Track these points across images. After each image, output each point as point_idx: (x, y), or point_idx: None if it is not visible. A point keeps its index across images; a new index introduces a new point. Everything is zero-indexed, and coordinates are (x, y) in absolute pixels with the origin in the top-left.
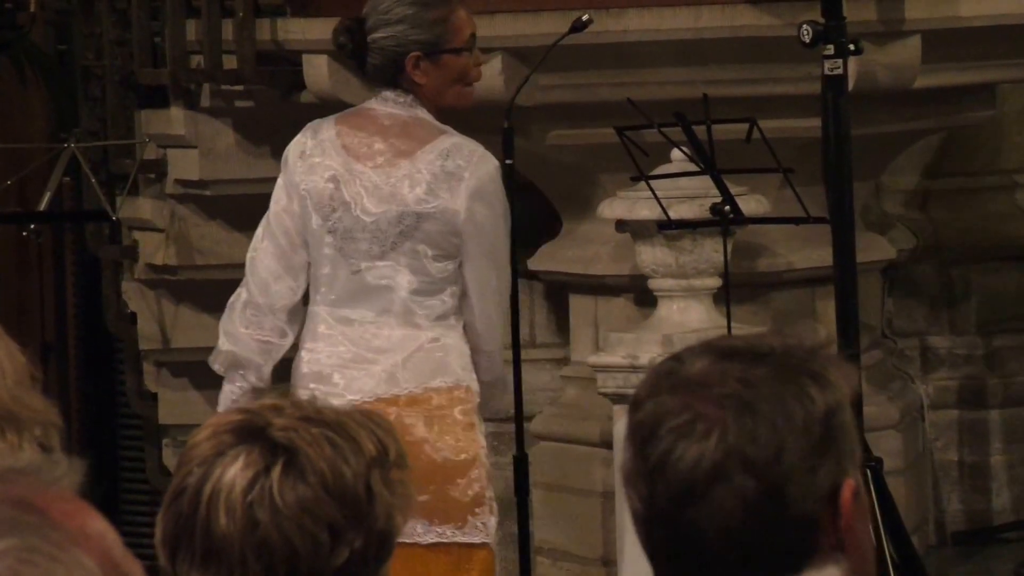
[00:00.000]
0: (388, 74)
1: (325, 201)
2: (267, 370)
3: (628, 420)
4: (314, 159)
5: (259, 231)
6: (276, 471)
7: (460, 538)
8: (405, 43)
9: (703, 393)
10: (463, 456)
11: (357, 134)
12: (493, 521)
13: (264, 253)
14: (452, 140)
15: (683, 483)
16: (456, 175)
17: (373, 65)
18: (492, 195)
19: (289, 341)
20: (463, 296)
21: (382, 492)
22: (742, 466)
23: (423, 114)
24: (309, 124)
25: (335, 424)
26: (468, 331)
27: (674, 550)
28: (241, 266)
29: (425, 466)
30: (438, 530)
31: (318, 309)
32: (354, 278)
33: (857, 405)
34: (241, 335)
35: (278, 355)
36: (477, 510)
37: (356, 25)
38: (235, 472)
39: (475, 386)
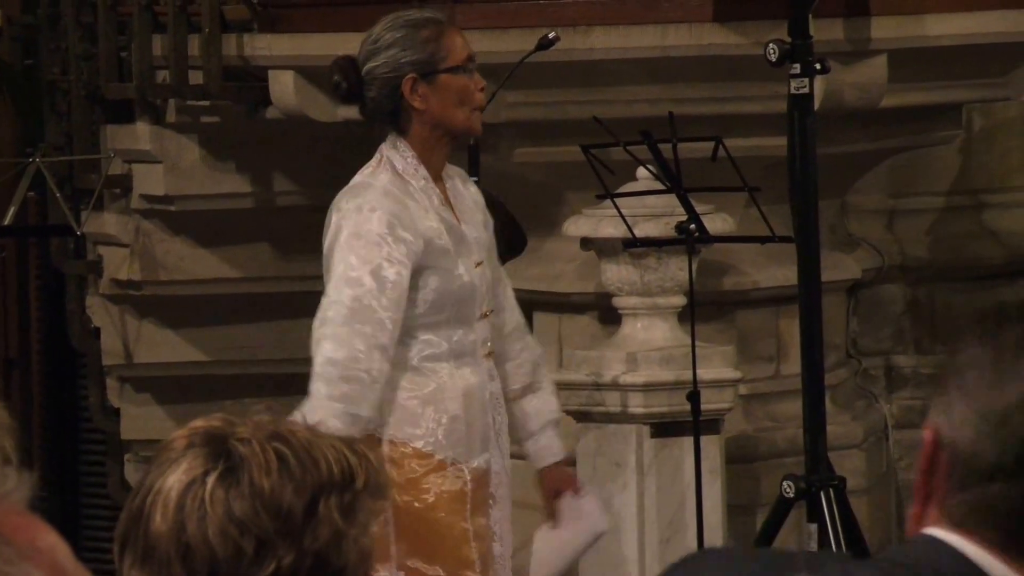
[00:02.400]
0: (388, 106)
1: None
2: None
3: None
4: None
5: None
6: (212, 478)
7: None
8: (399, 67)
9: None
10: None
11: None
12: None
13: None
14: (357, 179)
15: None
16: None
17: (371, 98)
18: (334, 230)
19: None
20: None
21: (331, 516)
22: None
23: (387, 149)
24: None
25: (298, 444)
26: None
27: None
28: (206, 281)
29: None
30: None
31: None
32: None
33: (821, 424)
34: None
35: None
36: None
37: (348, 62)
38: (177, 475)
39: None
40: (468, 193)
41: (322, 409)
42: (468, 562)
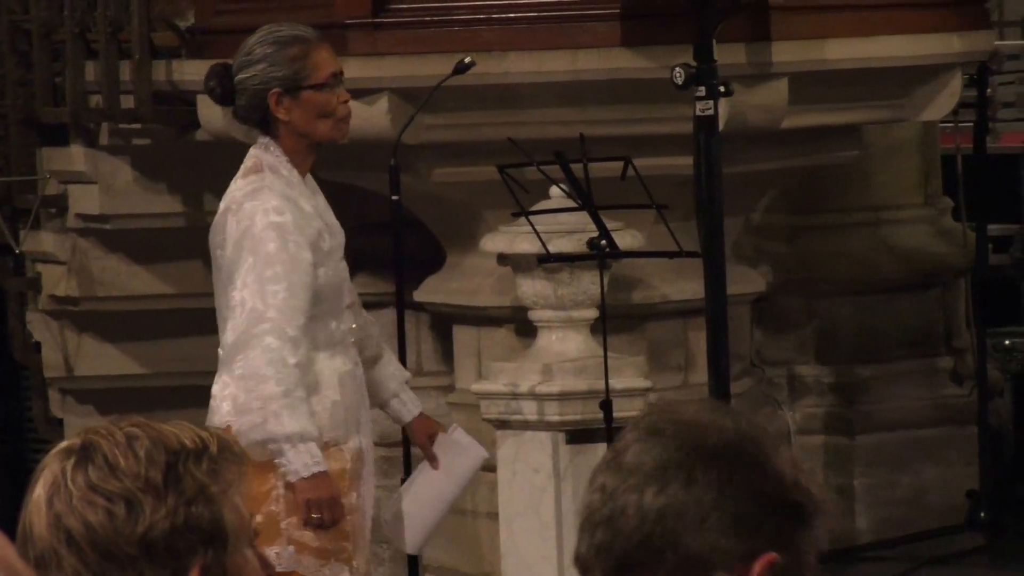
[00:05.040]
0: (257, 114)
1: None
2: None
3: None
4: None
5: None
6: (69, 464)
7: None
8: (266, 81)
9: (639, 470)
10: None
11: None
12: (288, 550)
13: None
14: (242, 183)
15: (620, 557)
16: (223, 212)
17: (241, 106)
18: (224, 227)
19: None
20: None
21: (193, 474)
22: (669, 533)
23: (261, 153)
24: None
25: (143, 425)
26: None
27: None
28: (141, 297)
29: None
30: None
31: None
32: None
33: None
34: None
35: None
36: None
37: (224, 70)
38: (41, 482)
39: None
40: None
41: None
42: (344, 534)
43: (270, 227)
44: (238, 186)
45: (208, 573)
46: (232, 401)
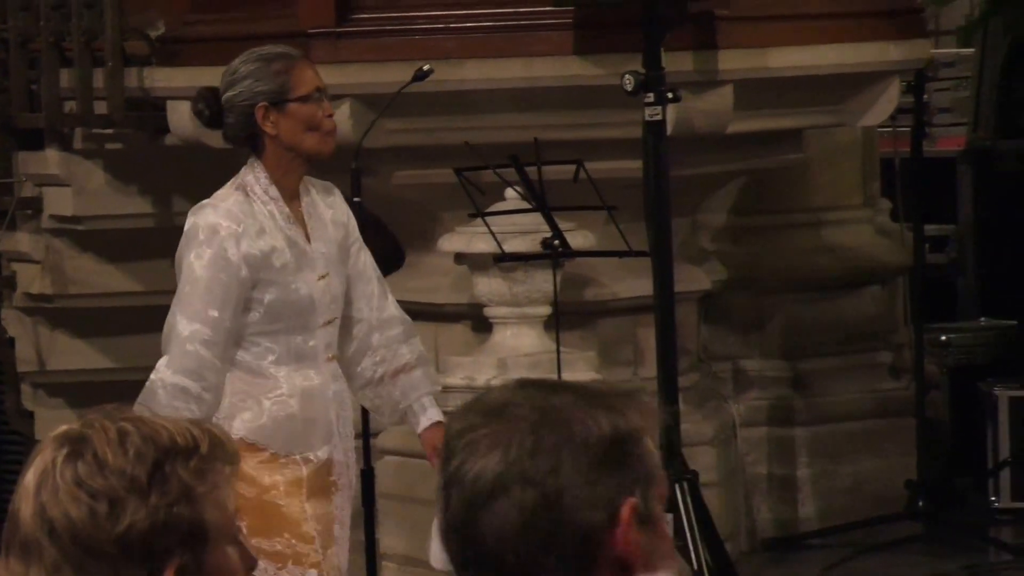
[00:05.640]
0: (245, 131)
1: None
2: None
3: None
4: None
5: None
6: (60, 458)
7: None
8: (252, 96)
9: (499, 415)
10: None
11: None
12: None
13: None
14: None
15: (469, 495)
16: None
17: (230, 124)
18: (184, 241)
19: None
20: None
21: (178, 475)
22: (520, 479)
23: (245, 171)
24: None
25: (140, 421)
26: None
27: (465, 559)
28: (112, 295)
29: None
30: None
31: None
32: None
33: (675, 423)
34: None
35: None
36: None
37: (210, 92)
38: (33, 469)
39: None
40: (327, 210)
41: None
42: (308, 538)
43: (206, 244)
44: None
45: (184, 572)
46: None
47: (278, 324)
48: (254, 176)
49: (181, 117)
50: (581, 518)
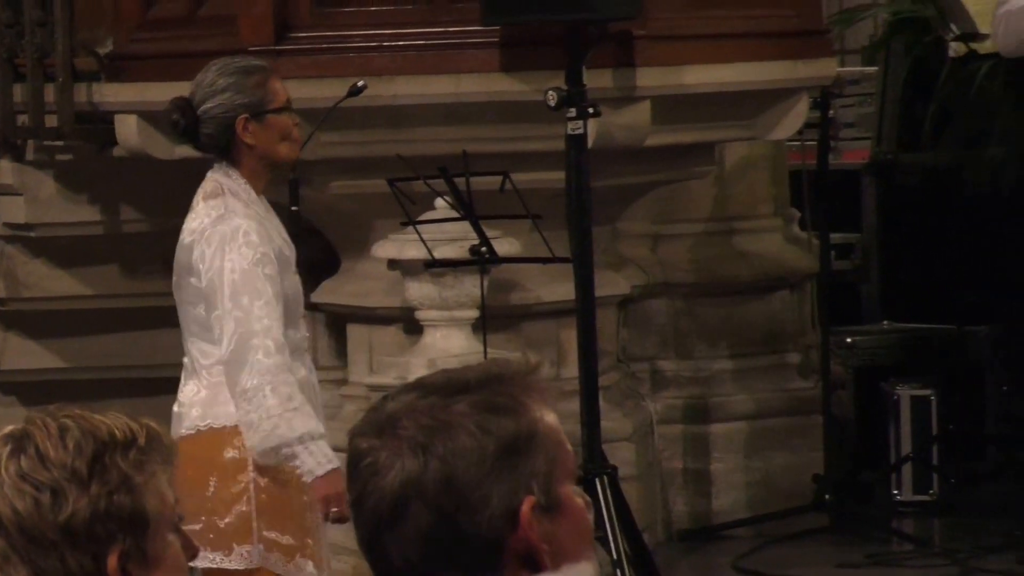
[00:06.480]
0: (222, 141)
1: None
2: None
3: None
4: None
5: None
6: (4, 453)
7: (227, 564)
8: (233, 108)
9: (392, 432)
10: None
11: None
12: (258, 548)
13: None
14: (214, 203)
15: (373, 517)
16: (200, 232)
17: (207, 134)
18: (215, 251)
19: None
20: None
21: (117, 465)
22: (417, 498)
23: (222, 178)
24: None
25: (80, 417)
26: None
27: (379, 573)
28: (63, 298)
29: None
30: (209, 556)
31: None
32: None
33: (595, 420)
34: None
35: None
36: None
37: (185, 103)
38: None
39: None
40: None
41: (277, 419)
42: (308, 530)
43: (244, 246)
44: (203, 211)
45: (127, 558)
46: (237, 419)
47: (283, 318)
48: (233, 182)
49: (128, 130)
50: (480, 529)
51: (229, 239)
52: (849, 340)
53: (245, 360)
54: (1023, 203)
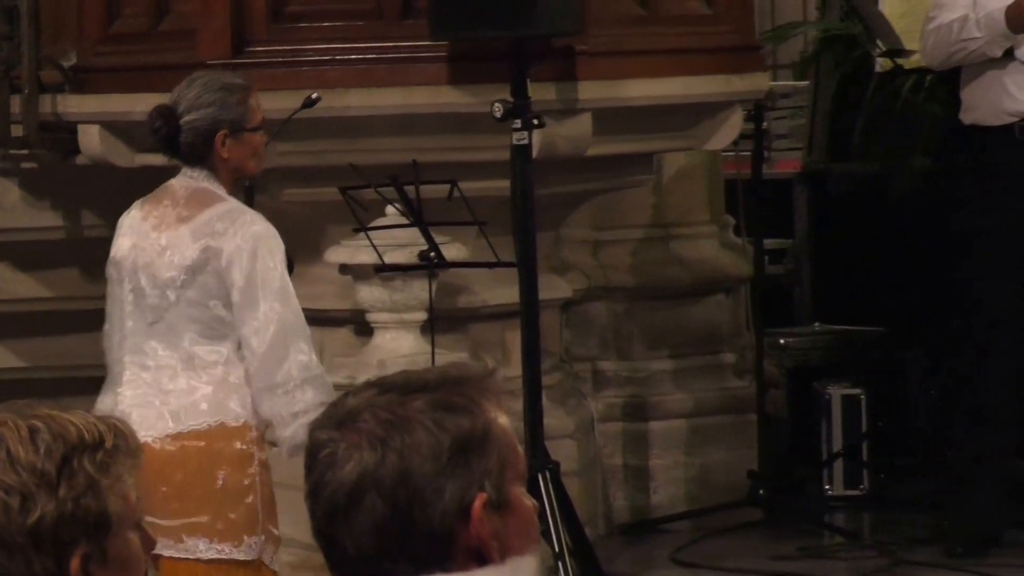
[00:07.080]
0: (199, 151)
1: (127, 266)
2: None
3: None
4: (120, 234)
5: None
6: None
7: (236, 555)
8: (215, 123)
9: (351, 426)
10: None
11: (157, 207)
12: (260, 540)
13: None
14: (228, 206)
15: (328, 507)
16: (222, 233)
17: (186, 143)
18: (254, 251)
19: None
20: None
21: (84, 469)
22: (372, 490)
23: (210, 185)
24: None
25: (49, 418)
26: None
27: (332, 562)
28: (26, 300)
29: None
30: (217, 547)
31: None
32: (149, 330)
33: (538, 418)
34: None
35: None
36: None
37: (168, 111)
38: None
39: (251, 420)
40: None
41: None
42: (275, 520)
43: (277, 249)
44: (218, 213)
45: (89, 560)
46: (267, 412)
47: None
48: (215, 189)
49: (91, 139)
50: (432, 522)
51: (263, 239)
52: (782, 341)
53: (285, 355)
54: (942, 209)
